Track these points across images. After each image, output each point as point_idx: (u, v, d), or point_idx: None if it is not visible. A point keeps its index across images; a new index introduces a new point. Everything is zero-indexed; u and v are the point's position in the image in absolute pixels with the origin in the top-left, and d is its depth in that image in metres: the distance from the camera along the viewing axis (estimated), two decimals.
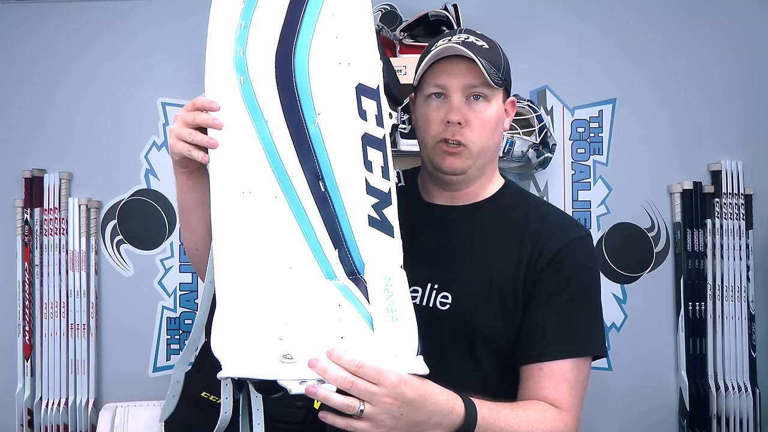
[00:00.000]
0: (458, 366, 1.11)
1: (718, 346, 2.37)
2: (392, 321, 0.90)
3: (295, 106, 0.94)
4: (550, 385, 1.07)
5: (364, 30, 0.99)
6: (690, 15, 2.44)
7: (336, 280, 0.92)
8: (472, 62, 1.09)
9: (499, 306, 1.11)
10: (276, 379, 0.86)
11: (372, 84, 0.97)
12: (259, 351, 0.88)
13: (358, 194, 0.94)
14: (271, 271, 0.92)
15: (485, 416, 0.96)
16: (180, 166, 1.05)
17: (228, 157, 0.95)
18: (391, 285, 0.93)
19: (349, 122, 0.95)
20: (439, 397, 0.92)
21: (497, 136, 1.17)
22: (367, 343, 0.88)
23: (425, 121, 1.15)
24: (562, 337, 1.08)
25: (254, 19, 0.97)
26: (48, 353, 2.39)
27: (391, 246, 0.95)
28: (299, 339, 0.88)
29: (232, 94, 0.96)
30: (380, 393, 0.86)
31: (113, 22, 2.47)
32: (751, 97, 2.43)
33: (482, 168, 1.17)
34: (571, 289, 1.10)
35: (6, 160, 2.46)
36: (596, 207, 2.44)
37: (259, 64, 0.95)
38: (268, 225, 0.93)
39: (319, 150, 0.93)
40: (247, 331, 0.89)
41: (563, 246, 1.11)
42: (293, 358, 0.86)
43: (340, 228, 0.93)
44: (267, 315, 0.90)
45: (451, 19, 2.15)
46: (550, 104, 2.45)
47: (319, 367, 0.85)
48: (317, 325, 0.89)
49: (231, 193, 0.94)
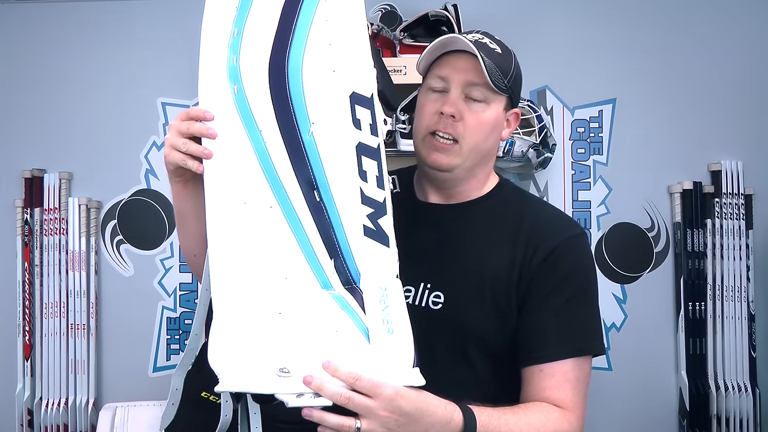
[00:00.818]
0: (451, 366, 1.10)
1: (718, 346, 2.37)
2: (388, 333, 0.90)
3: (289, 115, 0.93)
4: (552, 386, 1.06)
5: (358, 36, 0.98)
6: (690, 15, 2.44)
7: (332, 290, 0.92)
8: (477, 60, 1.08)
9: (492, 305, 1.10)
10: (273, 393, 0.86)
11: (366, 92, 0.96)
12: (256, 365, 0.88)
13: (353, 204, 0.94)
14: (266, 281, 0.91)
15: (485, 423, 0.96)
16: (175, 176, 1.05)
17: (222, 167, 0.95)
18: (387, 296, 0.93)
19: (344, 131, 0.94)
20: (437, 409, 0.92)
21: (491, 142, 1.16)
22: (363, 356, 0.88)
23: (420, 111, 1.15)
24: (562, 338, 1.08)
25: (247, 26, 0.96)
26: (48, 353, 2.39)
27: (386, 256, 0.95)
28: (296, 352, 0.88)
29: (225, 104, 0.95)
30: (377, 407, 0.86)
31: (113, 22, 2.47)
32: (751, 97, 2.42)
33: (471, 169, 1.16)
34: (568, 288, 1.10)
35: (6, 160, 2.46)
36: (596, 207, 2.44)
37: (252, 73, 0.95)
38: (263, 235, 0.92)
39: (313, 159, 0.93)
40: (244, 344, 0.89)
41: (558, 244, 1.10)
42: (290, 372, 0.86)
43: (336, 238, 0.93)
44: (263, 327, 0.89)
45: (451, 19, 2.15)
46: (550, 104, 2.45)
47: (314, 384, 0.85)
48: (314, 337, 0.89)
49: (226, 204, 0.94)
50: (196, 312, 1.05)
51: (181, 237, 1.17)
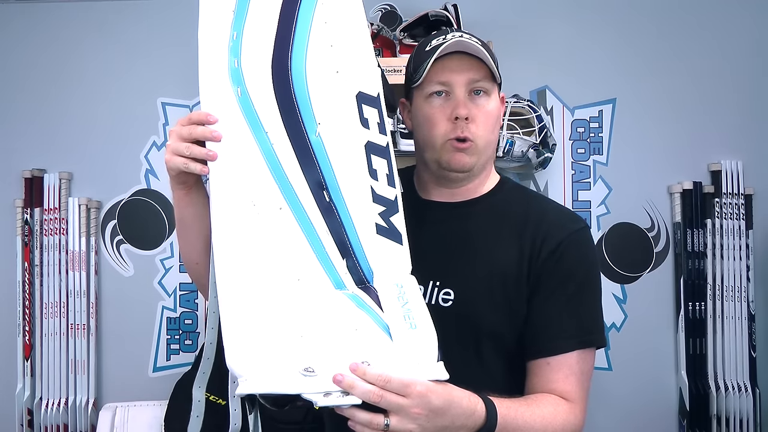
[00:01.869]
0: (462, 362, 1.09)
1: (718, 346, 2.37)
2: (411, 329, 0.90)
3: (294, 116, 0.93)
4: (558, 379, 1.08)
5: (359, 37, 0.98)
6: (690, 15, 2.44)
7: (345, 290, 0.92)
8: (472, 57, 1.10)
9: (503, 300, 1.11)
10: (300, 393, 0.85)
11: (372, 92, 0.96)
12: (280, 365, 0.86)
13: (364, 203, 0.94)
14: (279, 283, 0.91)
15: (504, 414, 0.97)
16: (177, 182, 1.04)
17: (229, 170, 0.94)
18: (404, 292, 0.93)
19: (352, 131, 0.95)
20: (462, 401, 0.93)
21: (497, 131, 1.19)
22: (388, 352, 0.88)
23: (429, 120, 1.14)
24: (569, 331, 1.10)
25: (246, 29, 0.96)
26: (48, 353, 2.39)
27: (399, 253, 0.95)
28: (318, 351, 0.87)
29: (230, 107, 0.94)
30: (408, 404, 0.86)
31: (113, 21, 2.47)
32: (751, 97, 2.42)
33: (484, 164, 1.18)
34: (574, 281, 1.12)
35: (6, 160, 2.46)
36: (596, 207, 2.44)
37: (255, 75, 0.94)
38: (274, 237, 0.92)
39: (321, 160, 0.93)
40: (263, 345, 0.87)
41: (564, 238, 1.12)
42: (315, 371, 0.85)
43: (347, 237, 0.93)
44: (281, 329, 0.88)
45: (451, 19, 2.14)
46: (550, 104, 2.45)
47: (345, 383, 0.84)
48: (334, 336, 0.88)
49: (234, 207, 0.93)
50: (207, 319, 1.03)
51: (182, 245, 1.16)
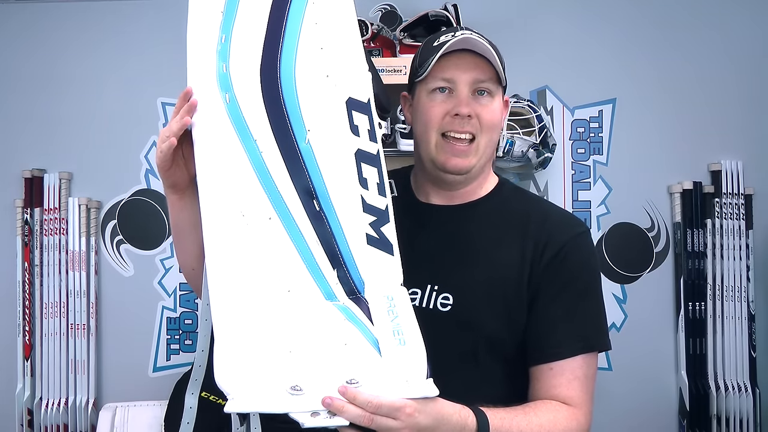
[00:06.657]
0: (460, 368, 1.09)
1: (718, 346, 2.37)
2: (400, 345, 0.88)
3: (284, 122, 0.92)
4: (561, 384, 1.07)
5: (350, 39, 0.96)
6: (690, 15, 2.43)
7: (336, 301, 0.90)
8: (480, 57, 1.09)
9: (503, 306, 1.10)
10: (286, 412, 0.83)
11: (362, 98, 0.95)
12: (267, 383, 0.84)
13: (354, 213, 0.92)
14: (270, 295, 0.89)
15: (497, 426, 0.96)
16: (169, 185, 1.04)
17: (218, 179, 0.92)
18: (394, 306, 0.91)
19: (342, 138, 0.93)
20: (452, 417, 0.92)
21: (497, 134, 1.17)
22: (377, 370, 0.86)
23: (427, 115, 1.13)
24: (572, 336, 1.08)
25: (234, 32, 0.94)
26: (48, 353, 2.39)
27: (390, 264, 0.93)
28: (307, 368, 0.85)
29: (218, 113, 0.93)
30: (398, 426, 0.85)
31: (113, 22, 2.47)
32: (751, 97, 2.42)
33: (483, 166, 1.16)
34: (576, 286, 1.10)
35: (6, 160, 2.46)
36: (596, 207, 2.44)
37: (244, 80, 0.92)
38: (263, 247, 0.90)
39: (311, 168, 0.91)
40: (252, 361, 0.86)
41: (566, 242, 1.11)
42: (302, 390, 0.83)
43: (338, 247, 0.91)
44: (270, 343, 0.86)
45: (451, 19, 2.15)
46: (550, 104, 2.45)
47: (335, 406, 0.83)
48: (323, 351, 0.86)
49: (223, 216, 0.91)
50: (199, 326, 1.02)
51: (178, 250, 1.15)
